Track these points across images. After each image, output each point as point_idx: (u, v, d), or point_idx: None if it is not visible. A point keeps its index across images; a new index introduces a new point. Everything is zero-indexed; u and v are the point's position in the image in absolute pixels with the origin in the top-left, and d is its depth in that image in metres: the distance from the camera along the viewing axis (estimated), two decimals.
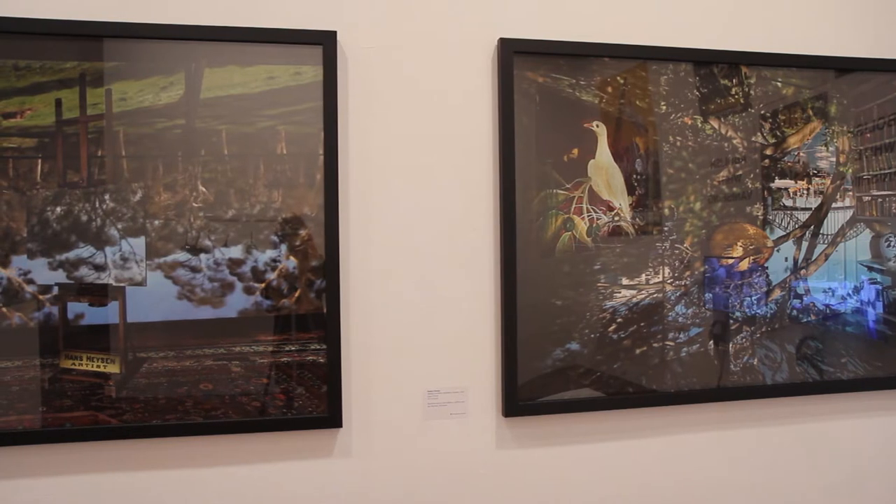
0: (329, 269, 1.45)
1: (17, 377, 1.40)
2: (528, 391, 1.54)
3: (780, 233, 1.67)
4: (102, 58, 1.41)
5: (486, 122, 1.54)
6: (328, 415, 1.46)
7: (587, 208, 1.57)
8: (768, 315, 1.66)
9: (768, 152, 1.66)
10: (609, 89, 1.58)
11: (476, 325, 1.54)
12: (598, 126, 1.57)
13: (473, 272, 1.54)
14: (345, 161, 1.49)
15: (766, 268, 1.66)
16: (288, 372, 1.46)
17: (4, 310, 1.39)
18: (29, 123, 1.39)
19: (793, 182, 1.67)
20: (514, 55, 1.53)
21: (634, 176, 1.60)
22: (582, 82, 1.57)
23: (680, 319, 1.61)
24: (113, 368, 1.42)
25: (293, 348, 1.46)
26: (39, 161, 1.39)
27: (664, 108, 1.60)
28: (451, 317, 1.53)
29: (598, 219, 1.57)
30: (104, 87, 1.41)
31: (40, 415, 1.41)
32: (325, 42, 1.46)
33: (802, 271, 1.68)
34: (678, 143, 1.61)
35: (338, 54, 1.47)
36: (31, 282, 1.40)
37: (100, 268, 1.41)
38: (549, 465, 1.59)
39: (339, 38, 1.48)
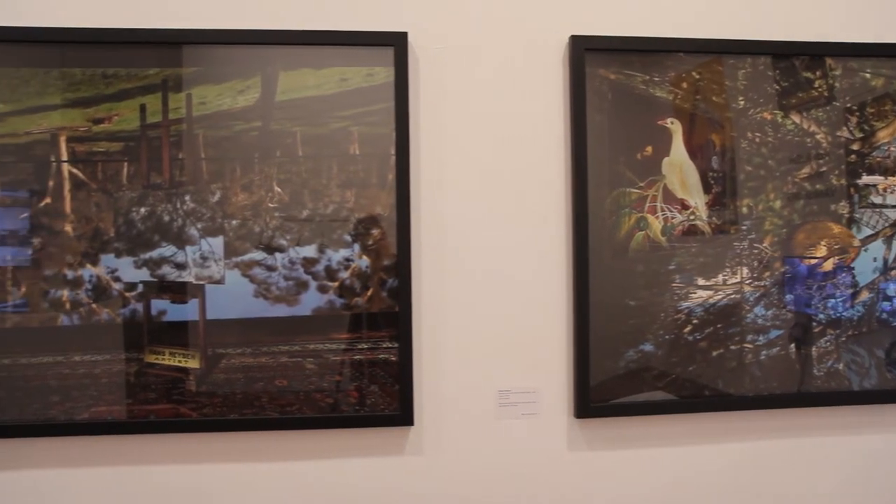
0: (401, 268, 1.49)
1: (106, 370, 1.49)
2: (600, 392, 1.55)
3: (867, 231, 1.62)
4: (183, 64, 1.49)
5: (558, 120, 1.56)
6: (400, 413, 1.51)
7: (661, 207, 1.57)
8: (855, 318, 1.62)
9: (855, 147, 1.62)
10: (684, 85, 1.58)
11: (548, 324, 1.55)
12: (672, 123, 1.57)
13: (545, 272, 1.55)
14: (416, 161, 1.53)
15: (853, 268, 1.62)
16: (360, 369, 1.51)
17: (94, 306, 1.48)
18: (116, 128, 1.49)
19: (882, 178, 1.62)
20: (586, 52, 1.54)
21: (710, 174, 1.58)
22: (655, 78, 1.57)
23: (759, 321, 1.59)
24: (193, 364, 1.50)
25: (366, 346, 1.51)
26: (125, 164, 1.49)
27: (742, 103, 1.59)
28: (522, 316, 1.55)
29: (672, 218, 1.57)
30: (185, 91, 1.49)
31: (126, 406, 1.50)
32: (397, 43, 1.51)
33: (893, 272, 1.63)
34: (757, 140, 1.59)
35: (409, 55, 1.51)
36: (117, 279, 1.49)
37: (181, 266, 1.49)
38: (621, 468, 1.59)
39: (410, 38, 1.52)
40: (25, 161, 1.47)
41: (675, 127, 1.56)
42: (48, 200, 1.48)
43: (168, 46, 1.49)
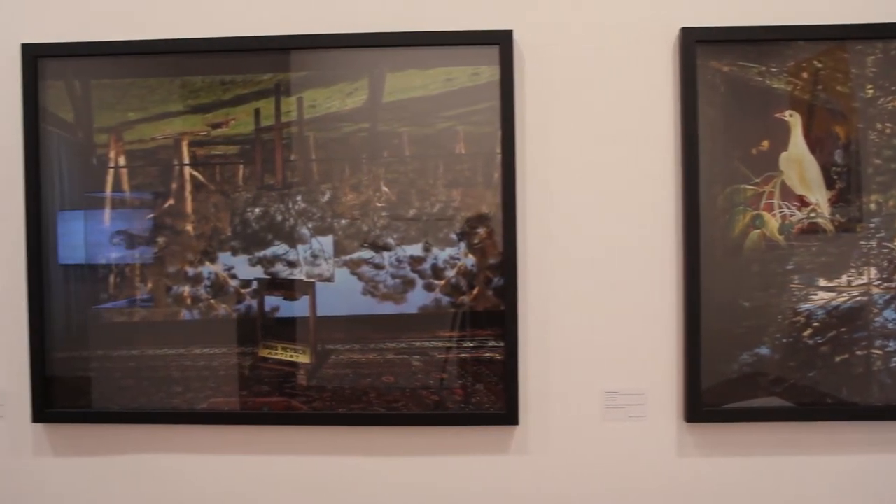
0: (507, 267, 1.53)
1: (223, 363, 1.60)
2: (712, 396, 1.53)
3: None
4: (294, 68, 1.58)
5: (668, 115, 1.55)
6: (505, 412, 1.54)
7: (779, 204, 1.53)
8: None
9: None
10: (804, 75, 1.53)
11: (657, 325, 1.55)
12: (791, 115, 1.53)
13: (655, 271, 1.55)
14: (522, 159, 1.56)
15: None
16: (466, 368, 1.55)
17: (212, 302, 1.60)
18: (232, 132, 1.59)
19: None
20: (697, 44, 1.52)
21: (833, 168, 1.53)
22: (773, 69, 1.53)
23: (889, 326, 1.53)
24: (304, 359, 1.59)
25: (471, 345, 1.55)
26: (241, 166, 1.59)
27: (871, 91, 1.52)
28: (630, 317, 1.55)
29: (791, 215, 1.53)
30: (296, 95, 1.58)
31: (241, 398, 1.60)
32: (502, 41, 1.54)
33: None
34: (888, 131, 1.52)
35: (514, 53, 1.54)
36: (233, 277, 1.60)
37: (293, 264, 1.58)
38: (733, 476, 1.56)
39: (515, 36, 1.55)
40: (152, 165, 1.60)
41: (794, 119, 1.52)
42: (171, 202, 1.60)
43: (279, 52, 1.58)
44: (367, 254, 1.55)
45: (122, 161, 1.60)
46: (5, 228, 1.64)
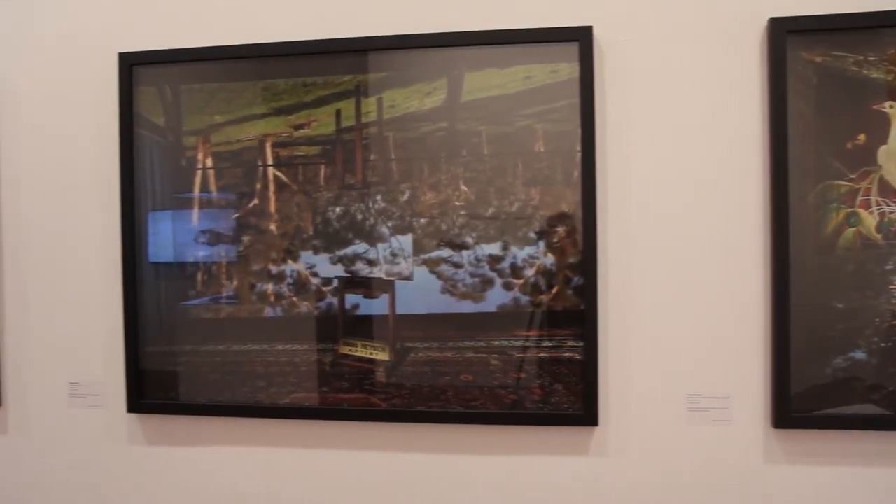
0: (587, 266, 1.54)
1: (305, 359, 1.67)
2: (801, 402, 1.50)
3: None
4: (374, 69, 1.63)
5: (755, 109, 1.53)
6: (584, 412, 1.55)
7: (876, 200, 1.49)
8: None
9: None
10: None
11: (743, 327, 1.53)
12: (891, 107, 1.48)
13: (741, 271, 1.53)
14: (602, 157, 1.56)
15: None
16: (544, 367, 1.57)
17: (295, 299, 1.67)
18: (314, 133, 1.66)
19: None
20: (787, 35, 1.50)
21: None
22: (871, 58, 1.49)
23: None
24: (383, 356, 1.64)
25: (550, 344, 1.57)
26: (323, 166, 1.65)
27: None
28: (715, 317, 1.54)
29: (890, 212, 1.48)
30: (375, 96, 1.63)
31: (322, 394, 1.67)
32: (581, 38, 1.55)
33: None
34: None
35: (594, 49, 1.55)
36: (315, 275, 1.66)
37: (372, 263, 1.64)
38: (824, 485, 1.53)
39: (594, 32, 1.56)
40: (237, 166, 1.68)
41: (895, 111, 1.48)
42: (256, 201, 1.68)
43: (359, 54, 1.63)
44: (445, 252, 1.59)
45: (209, 162, 1.69)
46: (102, 228, 1.76)
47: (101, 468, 1.79)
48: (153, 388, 1.73)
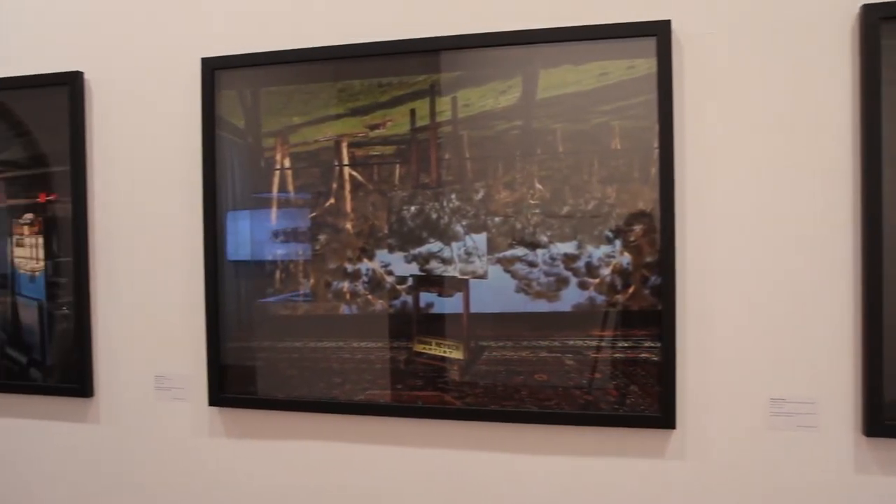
0: (665, 265, 1.54)
1: (379, 357, 1.73)
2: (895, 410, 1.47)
3: None
4: (448, 69, 1.67)
5: (845, 102, 1.49)
6: (661, 415, 1.55)
7: None
8: None
9: None
10: None
11: (831, 328, 1.50)
12: None
13: (828, 270, 1.50)
14: (681, 154, 1.56)
15: None
16: (621, 368, 1.58)
17: (370, 297, 1.73)
18: (389, 133, 1.71)
19: None
20: (881, 22, 1.46)
21: None
22: None
23: None
24: (457, 354, 1.68)
25: (626, 345, 1.58)
26: (397, 166, 1.71)
27: None
28: (799, 319, 1.51)
29: None
30: (450, 95, 1.67)
31: (396, 391, 1.72)
32: (659, 32, 1.55)
33: None
34: None
35: (672, 43, 1.55)
36: (390, 273, 1.72)
37: (447, 261, 1.68)
38: None
39: (673, 26, 1.55)
40: (314, 166, 1.75)
41: None
42: (332, 201, 1.75)
43: (433, 53, 1.68)
44: (520, 251, 1.62)
45: (286, 163, 1.77)
46: (185, 228, 1.86)
47: (184, 458, 1.90)
48: (233, 383, 1.83)
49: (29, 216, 1.99)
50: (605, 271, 1.57)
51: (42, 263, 1.98)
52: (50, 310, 1.98)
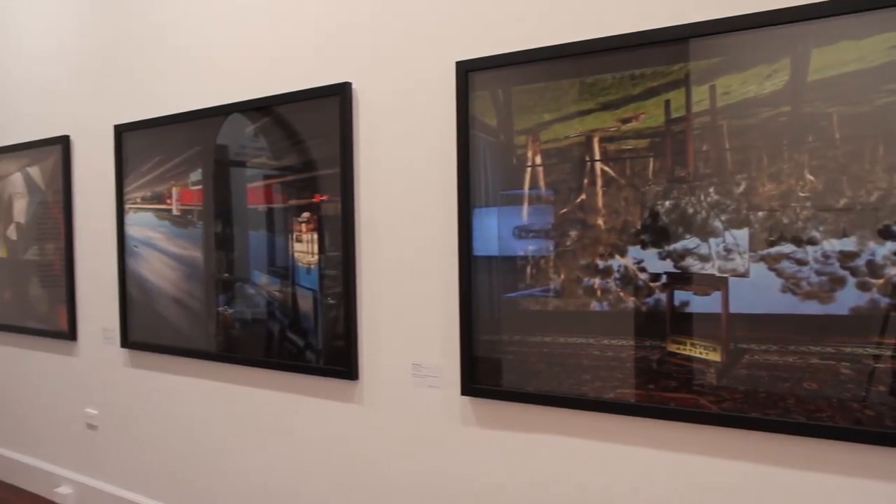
0: None
1: (630, 355, 1.82)
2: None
3: None
4: (704, 56, 1.71)
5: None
6: None
7: None
8: None
9: None
10: None
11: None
12: None
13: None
14: None
15: None
16: None
17: (622, 294, 1.83)
18: (642, 126, 1.79)
19: None
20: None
21: None
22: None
23: None
24: (714, 356, 1.72)
25: None
26: (651, 159, 1.78)
27: None
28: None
29: None
30: (707, 83, 1.71)
31: (647, 391, 1.80)
32: None
33: None
34: None
35: None
36: (643, 270, 1.80)
37: (704, 258, 1.73)
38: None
39: None
40: (565, 162, 1.89)
41: None
42: (583, 197, 1.87)
43: (687, 41, 1.73)
44: (787, 248, 1.61)
45: (538, 160, 1.93)
46: (438, 224, 2.11)
47: (436, 443, 2.15)
48: (484, 374, 2.04)
49: (306, 215, 2.39)
50: (892, 271, 1.51)
51: (316, 257, 2.37)
52: (321, 299, 2.36)
